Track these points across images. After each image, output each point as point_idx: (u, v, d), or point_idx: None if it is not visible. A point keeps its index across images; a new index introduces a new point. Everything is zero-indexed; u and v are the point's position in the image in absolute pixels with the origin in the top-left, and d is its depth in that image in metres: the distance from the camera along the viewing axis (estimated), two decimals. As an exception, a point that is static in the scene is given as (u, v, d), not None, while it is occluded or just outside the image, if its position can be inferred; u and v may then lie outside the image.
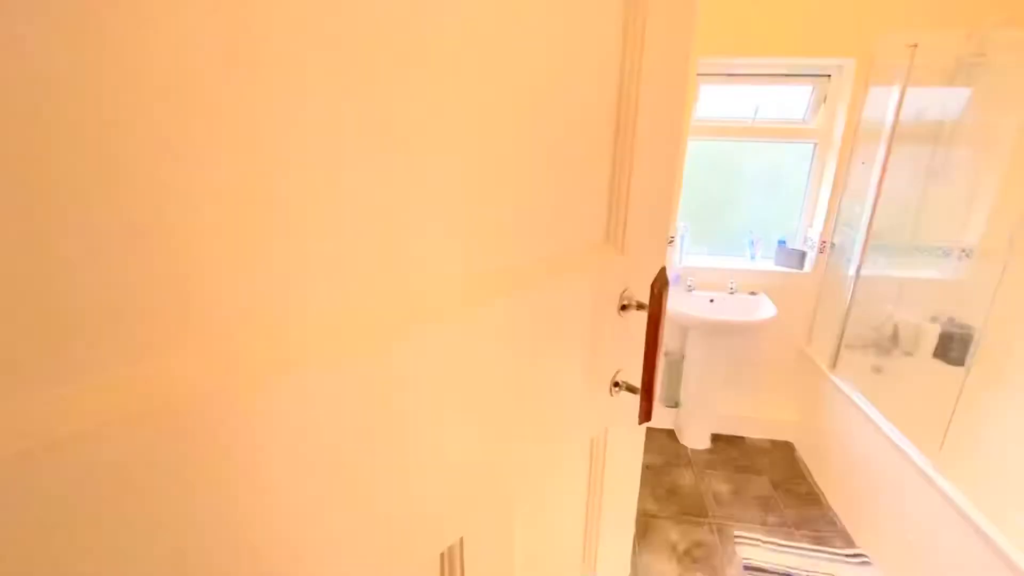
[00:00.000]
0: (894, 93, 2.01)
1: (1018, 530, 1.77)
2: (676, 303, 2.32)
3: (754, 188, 2.53)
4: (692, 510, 2.10)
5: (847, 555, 1.87)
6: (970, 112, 2.14)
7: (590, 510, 0.85)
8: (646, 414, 0.68)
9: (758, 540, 1.92)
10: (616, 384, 0.75)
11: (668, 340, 2.60)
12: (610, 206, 0.66)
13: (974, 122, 2.15)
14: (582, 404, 0.70)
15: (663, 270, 0.65)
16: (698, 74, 2.24)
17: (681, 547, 1.92)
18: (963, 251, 2.28)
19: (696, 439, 2.52)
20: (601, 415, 0.76)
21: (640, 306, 0.70)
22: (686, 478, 2.30)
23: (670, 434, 2.62)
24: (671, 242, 2.43)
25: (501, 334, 0.53)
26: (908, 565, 1.66)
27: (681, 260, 2.48)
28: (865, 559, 1.84)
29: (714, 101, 2.40)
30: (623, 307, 0.70)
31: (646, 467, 2.37)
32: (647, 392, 0.67)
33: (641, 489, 2.22)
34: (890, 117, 2.03)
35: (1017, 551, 1.28)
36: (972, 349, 2.19)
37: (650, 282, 0.64)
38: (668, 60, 0.65)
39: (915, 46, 1.90)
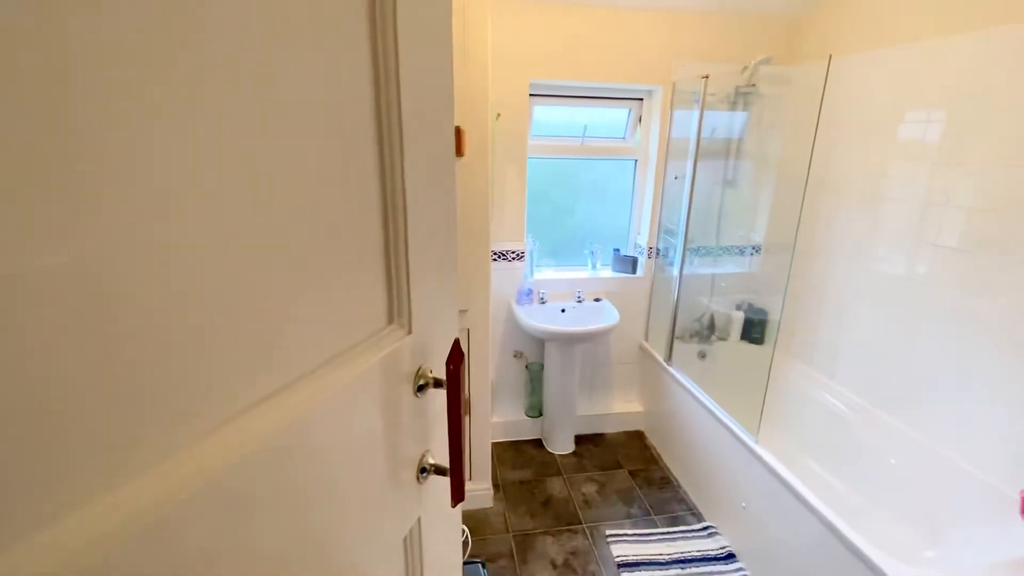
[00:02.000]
0: (694, 116, 2.31)
1: (809, 471, 2.16)
2: (532, 316, 2.36)
3: (589, 201, 2.71)
4: (566, 518, 2.15)
5: (698, 530, 2.09)
6: (748, 132, 2.56)
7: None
8: (458, 494, 0.63)
9: (626, 535, 2.04)
10: (424, 470, 0.67)
11: (528, 352, 2.65)
12: (389, 287, 0.58)
13: (752, 140, 2.58)
14: (390, 504, 0.61)
15: (457, 344, 0.61)
16: (531, 94, 2.31)
17: (560, 559, 1.95)
18: (754, 248, 2.73)
19: (562, 445, 2.61)
20: (412, 507, 0.68)
21: (438, 383, 0.64)
22: (557, 487, 2.35)
23: (537, 444, 2.67)
24: (521, 257, 2.48)
25: (275, 472, 0.41)
26: (746, 529, 1.90)
27: (532, 274, 2.54)
28: (714, 530, 2.07)
29: (549, 121, 2.51)
30: (420, 387, 0.63)
31: (520, 483, 2.37)
32: (456, 472, 0.62)
33: (518, 506, 2.23)
34: (693, 137, 2.33)
35: (816, 498, 1.52)
36: (768, 329, 2.64)
37: (446, 355, 0.59)
38: (433, 144, 0.59)
39: (706, 77, 2.20)
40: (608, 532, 2.06)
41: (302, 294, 0.43)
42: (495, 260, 2.45)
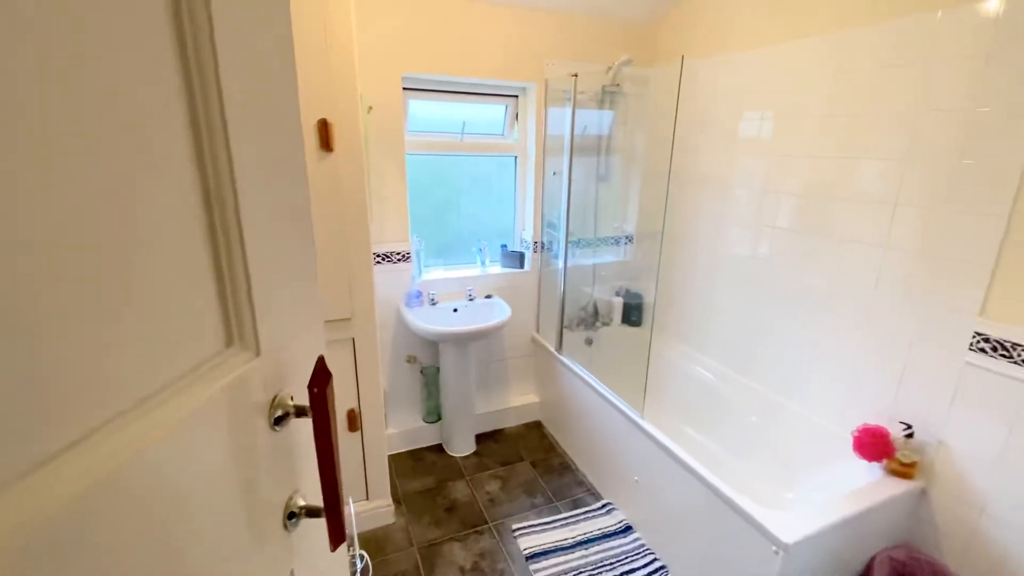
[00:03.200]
0: (567, 113, 2.40)
1: (689, 438, 2.37)
2: (423, 319, 2.28)
3: (474, 199, 2.69)
4: (471, 521, 2.12)
5: (597, 509, 2.18)
6: (616, 129, 2.73)
7: None
8: (337, 536, 0.56)
9: (532, 527, 2.06)
10: (293, 514, 0.58)
11: (422, 356, 2.56)
12: (223, 303, 0.47)
13: (619, 137, 2.75)
14: (251, 563, 0.51)
15: (321, 363, 0.53)
16: (405, 88, 2.22)
17: (468, 564, 1.91)
18: (627, 238, 2.92)
19: (462, 447, 2.56)
20: (281, 560, 0.59)
21: (301, 411, 0.56)
22: (460, 490, 2.30)
23: (437, 449, 2.60)
24: (407, 258, 2.38)
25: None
26: (639, 500, 2.03)
27: (420, 275, 2.46)
28: (611, 506, 2.18)
29: (427, 117, 2.43)
30: (279, 419, 0.54)
31: (422, 492, 2.28)
32: (333, 511, 0.55)
33: (422, 516, 2.14)
34: (567, 134, 2.41)
35: (696, 463, 1.67)
36: (645, 312, 2.85)
37: (308, 378, 0.51)
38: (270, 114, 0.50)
39: (575, 75, 2.29)
40: (514, 527, 2.06)
41: (87, 320, 0.33)
42: (379, 263, 2.32)
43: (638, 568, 1.87)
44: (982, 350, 1.44)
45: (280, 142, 0.51)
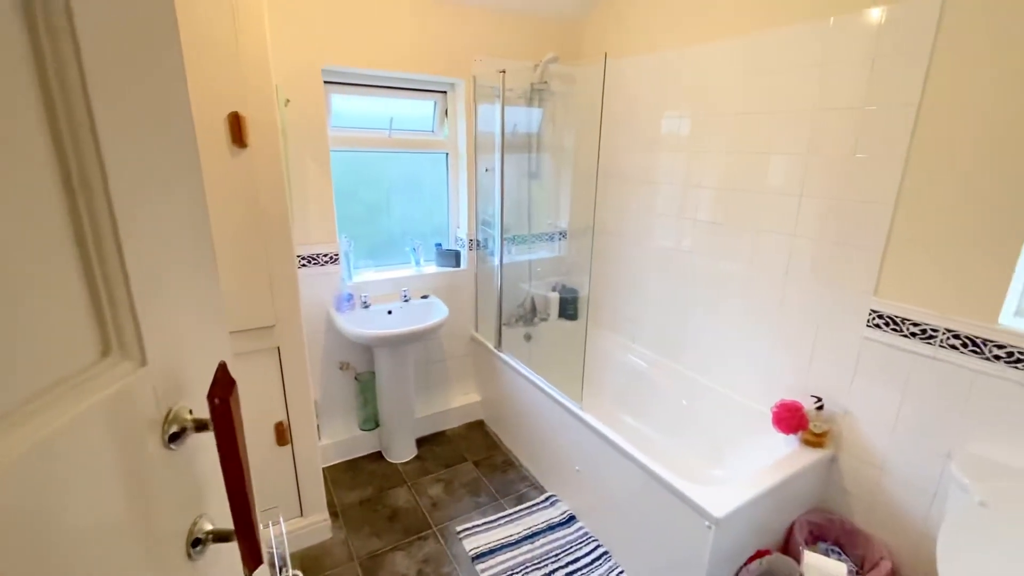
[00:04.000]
0: (497, 110, 2.39)
1: (625, 424, 2.45)
2: (355, 323, 2.19)
3: (406, 197, 2.62)
4: (415, 527, 2.06)
5: (542, 502, 2.20)
6: (545, 127, 2.76)
7: None
8: (252, 559, 0.51)
9: (477, 527, 2.04)
10: (198, 541, 0.53)
11: (356, 362, 2.46)
12: (96, 306, 0.41)
13: (549, 134, 2.79)
14: None
15: (222, 370, 0.48)
16: (326, 82, 2.12)
17: (412, 572, 1.85)
18: (560, 234, 2.97)
19: (403, 452, 2.49)
20: None
21: (201, 426, 0.51)
22: (402, 497, 2.24)
23: (377, 457, 2.51)
24: (335, 260, 2.27)
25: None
26: (581, 490, 2.07)
27: (350, 277, 2.36)
28: (555, 498, 2.21)
29: (351, 112, 2.33)
30: (175, 436, 0.49)
31: (361, 503, 2.19)
32: (244, 532, 0.50)
33: (361, 528, 2.06)
34: (498, 130, 2.41)
35: (633, 448, 1.72)
36: (580, 306, 2.91)
37: (208, 387, 0.46)
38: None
39: (503, 72, 2.29)
40: (459, 528, 2.03)
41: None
42: (304, 265, 2.20)
43: (583, 556, 1.91)
44: (877, 326, 1.60)
45: (167, 133, 0.45)
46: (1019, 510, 1.18)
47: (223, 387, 0.41)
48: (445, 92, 2.51)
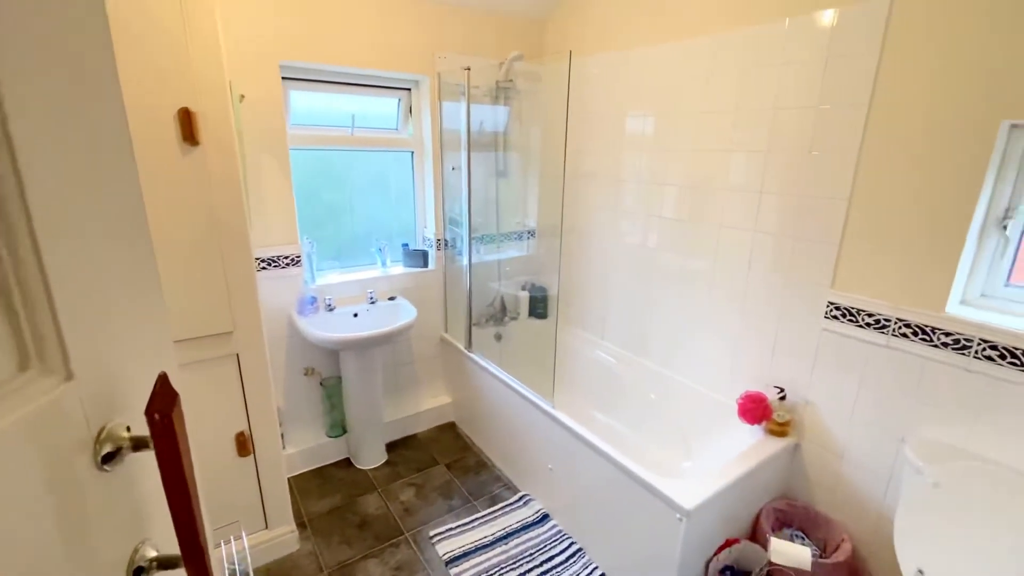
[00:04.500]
0: (463, 108, 2.36)
1: (596, 421, 2.47)
2: (319, 327, 2.12)
3: (371, 196, 2.56)
4: (386, 534, 2.02)
5: (515, 502, 2.19)
6: (512, 125, 2.75)
7: None
8: None
9: (450, 530, 2.01)
10: (141, 569, 0.49)
11: (321, 366, 2.39)
12: (11, 314, 0.37)
13: (515, 132, 2.78)
14: None
15: (162, 381, 0.44)
16: (284, 78, 2.05)
17: (385, 579, 1.81)
18: (529, 232, 2.97)
19: (372, 458, 2.44)
20: None
21: (139, 444, 0.46)
22: (372, 503, 2.19)
23: (345, 464, 2.45)
24: (297, 262, 2.20)
25: None
26: (555, 488, 2.07)
27: (313, 279, 2.28)
28: (529, 497, 2.20)
29: (312, 109, 2.26)
30: (109, 456, 0.45)
31: (330, 512, 2.13)
32: (192, 557, 0.46)
33: (330, 538, 1.99)
34: (464, 128, 2.38)
35: (604, 444, 1.74)
36: (550, 304, 2.91)
37: (147, 402, 0.41)
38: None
39: (468, 69, 2.26)
40: (431, 533, 2.00)
41: None
42: (264, 268, 2.12)
43: (557, 554, 1.90)
44: (835, 317, 1.65)
45: (94, 129, 0.41)
46: (969, 489, 1.24)
47: (164, 401, 0.37)
48: (409, 89, 2.47)
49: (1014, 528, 1.15)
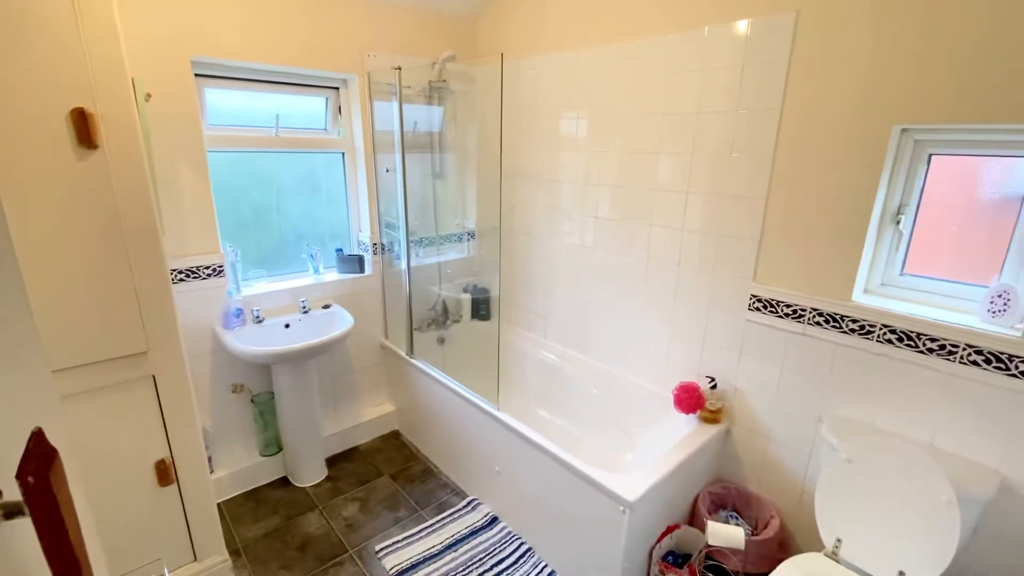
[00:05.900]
0: (395, 108, 2.30)
1: (541, 420, 2.50)
2: (247, 340, 1.99)
3: (299, 199, 2.44)
4: (329, 553, 1.93)
5: (464, 507, 2.16)
6: (447, 126, 2.71)
7: None
8: None
9: (397, 543, 1.96)
10: None
11: (251, 382, 2.24)
12: None
13: (451, 133, 2.74)
14: None
15: (38, 438, 0.38)
16: (197, 75, 1.90)
17: (330, 601, 1.73)
18: (469, 234, 2.94)
19: (311, 475, 2.33)
20: None
21: (12, 511, 0.39)
22: (313, 522, 2.09)
23: (282, 483, 2.32)
24: (220, 272, 2.05)
25: None
26: (502, 491, 2.06)
27: (238, 290, 2.14)
28: (477, 502, 2.18)
29: (230, 109, 2.12)
30: None
31: (267, 536, 2.01)
32: None
33: (268, 563, 1.88)
34: (397, 129, 2.32)
35: (549, 443, 1.76)
36: (492, 305, 2.90)
37: (19, 462, 0.36)
38: None
39: (399, 68, 2.21)
40: (377, 547, 1.93)
41: None
42: (182, 280, 1.96)
43: (507, 556, 1.90)
44: (757, 308, 1.76)
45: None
46: (875, 462, 1.36)
47: (39, 461, 0.31)
48: (337, 88, 2.37)
49: (921, 495, 1.28)
